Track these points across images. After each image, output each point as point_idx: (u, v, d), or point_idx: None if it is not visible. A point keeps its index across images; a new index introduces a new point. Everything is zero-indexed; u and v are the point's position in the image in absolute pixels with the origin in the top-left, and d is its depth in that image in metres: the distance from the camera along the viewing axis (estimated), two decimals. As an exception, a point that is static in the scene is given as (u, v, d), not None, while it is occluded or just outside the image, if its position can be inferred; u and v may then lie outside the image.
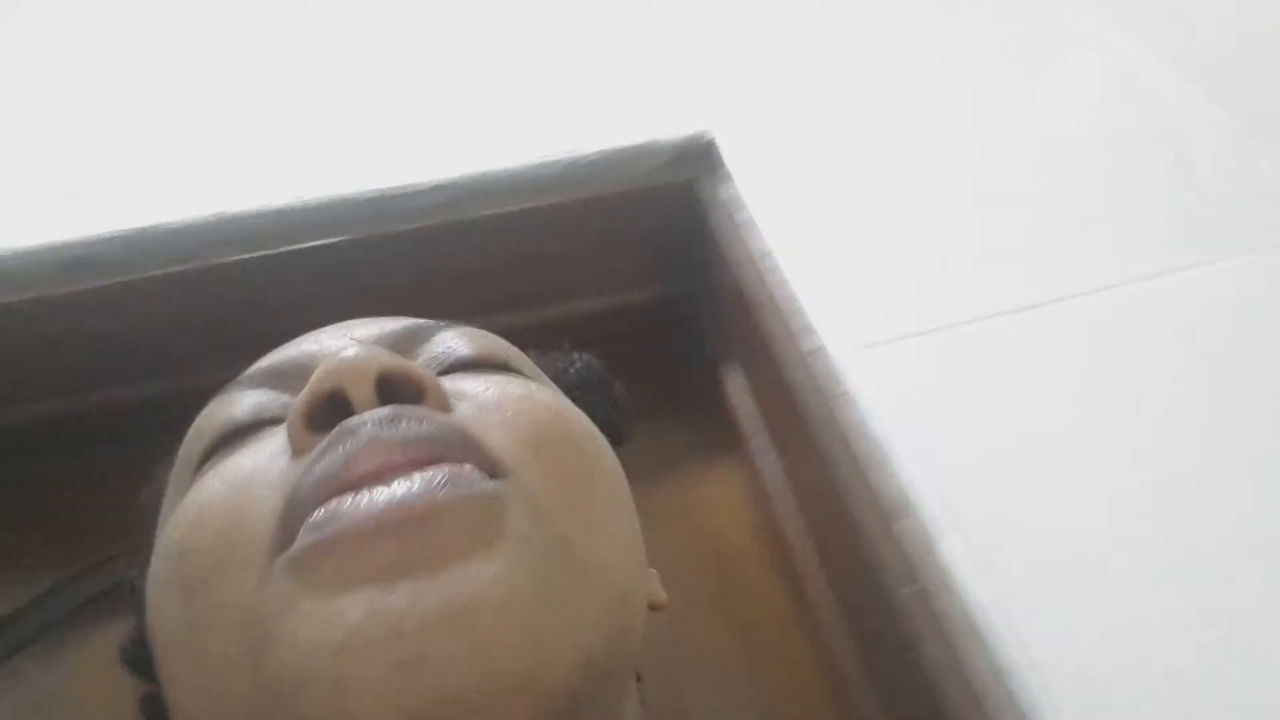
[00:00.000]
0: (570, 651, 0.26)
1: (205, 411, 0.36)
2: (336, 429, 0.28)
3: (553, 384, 0.40)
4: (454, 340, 0.36)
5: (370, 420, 0.28)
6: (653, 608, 0.38)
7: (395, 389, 0.30)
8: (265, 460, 0.30)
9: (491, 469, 0.29)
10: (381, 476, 0.27)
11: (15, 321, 0.56)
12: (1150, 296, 0.54)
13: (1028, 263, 0.56)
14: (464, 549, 0.26)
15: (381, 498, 0.26)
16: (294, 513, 0.27)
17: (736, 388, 0.64)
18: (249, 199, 0.58)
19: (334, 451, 0.28)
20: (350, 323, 0.38)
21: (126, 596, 0.39)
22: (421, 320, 0.38)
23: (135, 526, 0.38)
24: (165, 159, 0.64)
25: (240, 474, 0.30)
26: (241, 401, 0.34)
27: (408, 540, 0.25)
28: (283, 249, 0.58)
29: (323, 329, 0.38)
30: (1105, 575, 0.42)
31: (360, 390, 0.29)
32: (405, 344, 0.36)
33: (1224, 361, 0.51)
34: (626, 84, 0.69)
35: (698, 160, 0.64)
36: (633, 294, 0.67)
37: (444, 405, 0.31)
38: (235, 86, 0.71)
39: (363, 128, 0.67)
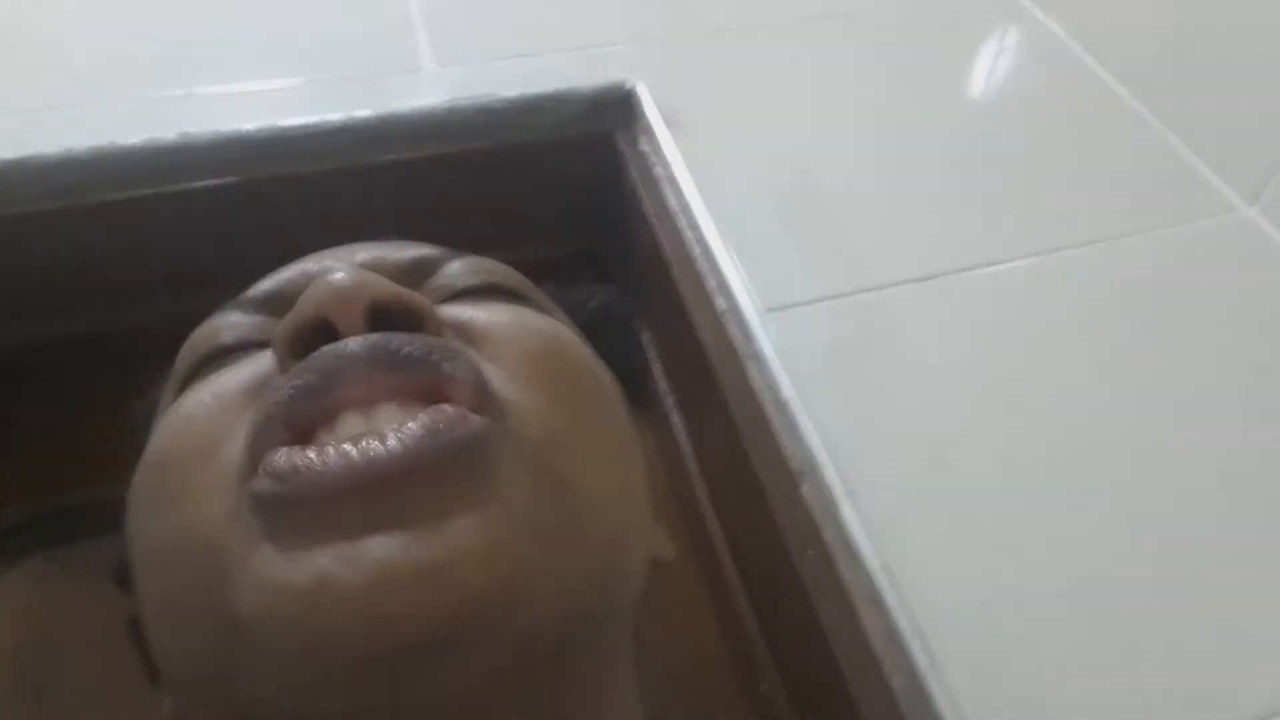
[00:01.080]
0: (554, 598, 0.25)
1: (198, 330, 0.35)
2: (319, 350, 0.26)
3: (565, 319, 0.38)
4: (460, 270, 0.35)
5: (353, 342, 0.26)
6: (658, 563, 0.36)
7: (389, 318, 0.28)
8: (248, 379, 0.29)
9: (480, 401, 0.27)
10: (364, 404, 0.25)
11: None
12: (1054, 269, 0.55)
13: (939, 231, 0.57)
14: (442, 505, 0.24)
15: (353, 456, 0.24)
16: (261, 434, 0.26)
17: (650, 345, 0.63)
18: (136, 132, 0.55)
19: (312, 365, 0.26)
20: (357, 245, 0.36)
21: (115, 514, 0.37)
22: (428, 249, 0.36)
23: (126, 443, 0.36)
24: (49, 84, 0.60)
25: (222, 391, 0.29)
26: (232, 323, 0.33)
27: (382, 498, 0.24)
28: (174, 187, 0.54)
29: (329, 250, 0.36)
30: (1000, 542, 0.43)
31: (348, 318, 0.27)
32: (410, 276, 0.34)
33: (1122, 334, 0.52)
34: (551, 27, 0.67)
35: (617, 110, 0.62)
36: (547, 247, 0.65)
37: (439, 333, 0.29)
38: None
39: (255, 53, 0.64)
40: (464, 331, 0.30)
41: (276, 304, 0.34)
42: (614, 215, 0.63)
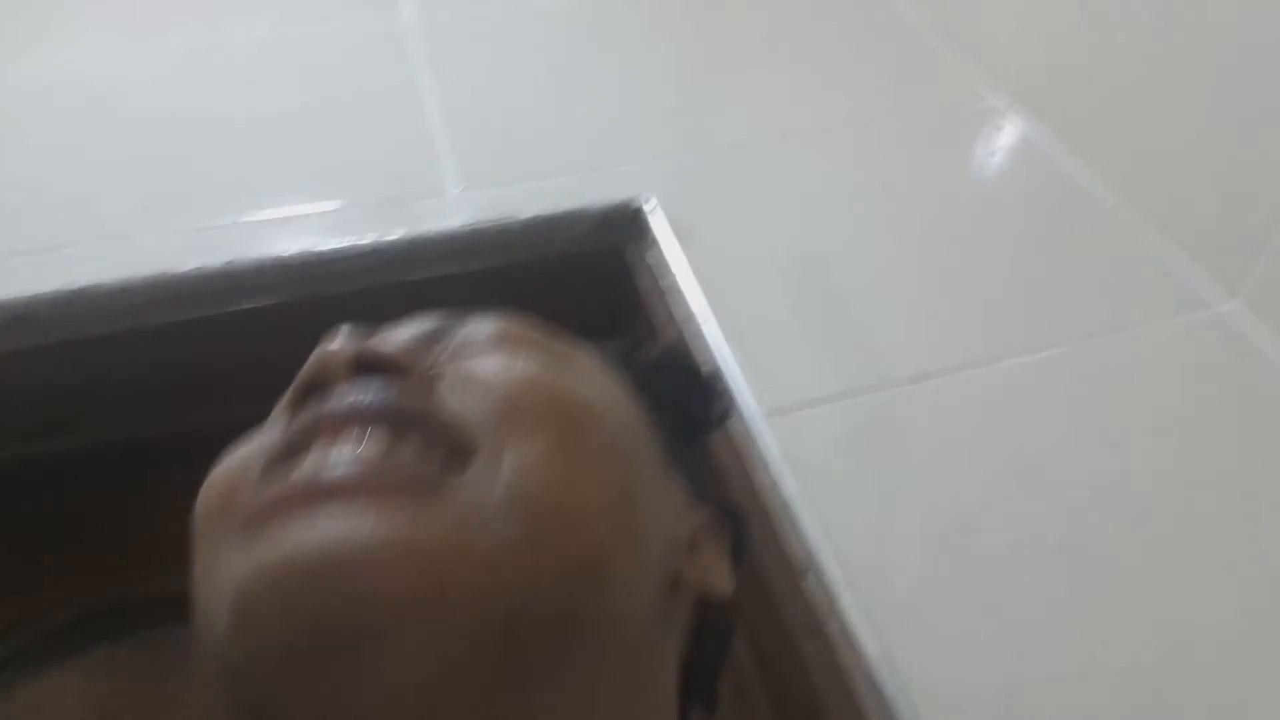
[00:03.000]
0: (485, 605, 0.26)
1: None
2: (305, 406, 0.30)
3: (594, 368, 0.38)
4: (475, 328, 0.37)
5: (333, 394, 0.30)
6: (704, 594, 0.36)
7: (376, 372, 0.31)
8: (263, 439, 0.32)
9: (452, 448, 0.29)
10: (336, 435, 0.28)
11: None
12: (1050, 364, 0.58)
13: (939, 329, 0.60)
14: (367, 509, 0.26)
15: (311, 466, 0.27)
16: (263, 483, 0.29)
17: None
18: (187, 260, 0.60)
19: (299, 421, 0.30)
20: (405, 319, 0.38)
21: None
22: (455, 315, 0.38)
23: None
24: (102, 217, 0.65)
25: (240, 453, 0.32)
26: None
27: (316, 500, 0.26)
28: (219, 310, 0.59)
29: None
30: (1009, 627, 0.45)
31: (335, 374, 0.31)
32: (433, 335, 0.36)
33: (1114, 427, 0.55)
34: (565, 150, 0.73)
35: (626, 226, 0.67)
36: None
37: (423, 383, 0.31)
38: (166, 145, 0.73)
39: (294, 182, 0.69)
40: (457, 376, 0.32)
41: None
42: (626, 324, 0.67)
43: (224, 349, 0.60)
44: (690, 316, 0.59)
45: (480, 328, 0.36)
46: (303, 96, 0.78)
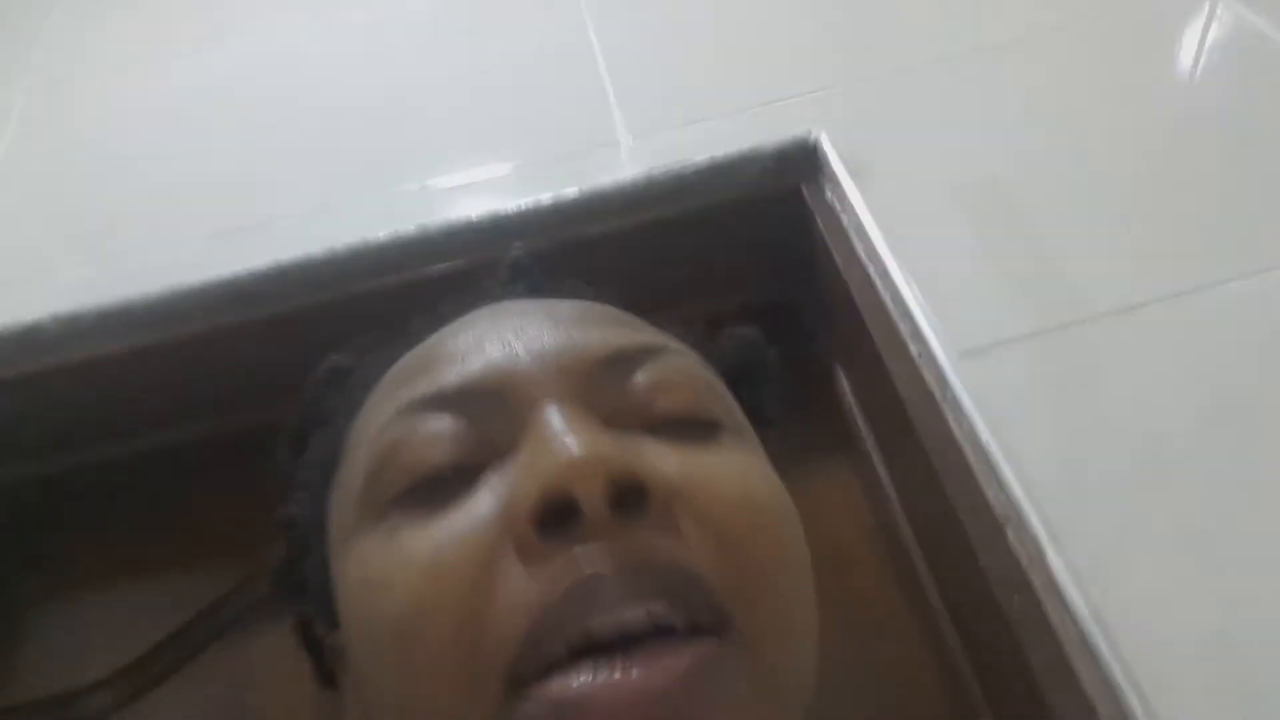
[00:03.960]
0: None
1: (393, 437, 0.34)
2: (572, 563, 0.29)
3: (732, 403, 0.39)
4: (655, 384, 0.35)
5: (597, 552, 0.29)
6: None
7: (621, 492, 0.30)
8: (482, 545, 0.30)
9: (714, 616, 0.30)
10: (619, 635, 0.28)
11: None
12: (1262, 292, 0.52)
13: (1147, 255, 0.55)
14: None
15: (628, 682, 0.28)
16: (528, 654, 0.29)
17: (847, 391, 0.65)
18: (381, 228, 0.63)
19: (562, 578, 0.29)
20: (543, 322, 0.36)
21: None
22: (619, 341, 0.36)
23: (299, 478, 0.43)
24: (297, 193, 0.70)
25: (455, 556, 0.30)
26: (433, 434, 0.34)
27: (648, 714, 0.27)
28: (411, 274, 0.62)
29: (502, 321, 0.37)
30: (1228, 580, 0.42)
31: (590, 495, 0.29)
32: (604, 381, 0.34)
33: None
34: (733, 88, 0.71)
35: (802, 164, 0.65)
36: (744, 298, 0.69)
37: (667, 516, 0.31)
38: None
39: (472, 144, 0.71)
40: (668, 485, 0.32)
41: (468, 403, 0.34)
42: (806, 266, 0.65)
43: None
44: (874, 255, 0.57)
45: (659, 389, 0.35)
46: (473, 58, 0.80)
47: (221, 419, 0.67)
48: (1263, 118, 0.62)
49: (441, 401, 0.34)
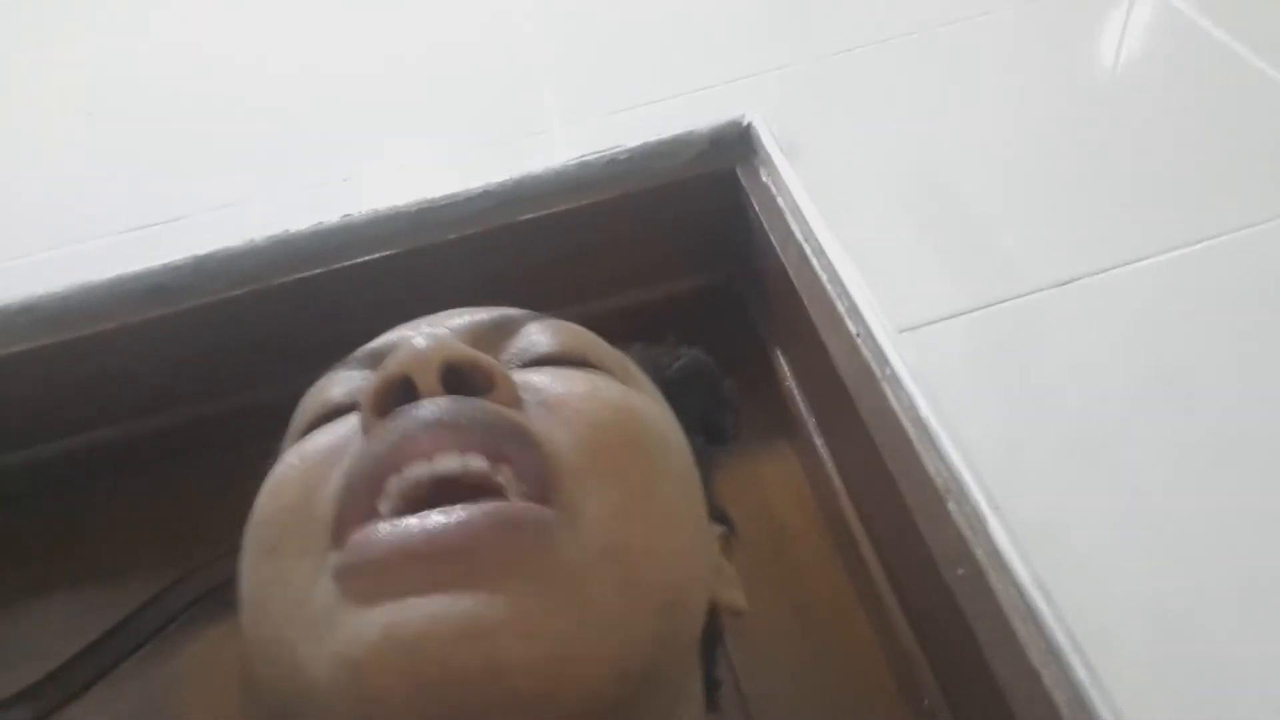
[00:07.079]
0: (603, 669, 0.27)
1: (310, 390, 0.39)
2: (395, 411, 0.30)
3: (644, 380, 0.40)
4: (539, 333, 0.37)
5: (426, 404, 0.30)
6: (729, 612, 0.38)
7: (463, 379, 0.31)
8: (338, 439, 0.32)
9: (543, 485, 0.29)
10: (430, 456, 0.28)
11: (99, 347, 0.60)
12: (1202, 260, 0.53)
13: (1079, 231, 0.56)
14: (493, 579, 0.26)
15: (422, 525, 0.27)
16: (347, 500, 0.29)
17: (787, 371, 0.64)
18: (303, 219, 0.61)
19: (388, 433, 0.29)
20: (451, 311, 0.39)
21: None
22: (512, 311, 0.39)
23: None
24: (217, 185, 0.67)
25: (314, 451, 0.32)
26: (338, 382, 0.37)
27: (438, 565, 0.26)
28: (337, 265, 0.60)
29: (426, 316, 0.40)
30: (1164, 544, 0.42)
31: (425, 378, 0.30)
32: (491, 335, 0.37)
33: (1273, 326, 0.50)
34: (666, 73, 0.70)
35: (736, 146, 0.64)
36: (680, 283, 0.68)
37: (511, 398, 0.31)
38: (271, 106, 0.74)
39: (399, 130, 0.69)
40: (537, 397, 0.32)
41: (374, 360, 0.37)
42: (742, 247, 0.65)
43: (344, 305, 0.61)
44: (810, 234, 0.57)
45: (542, 337, 0.37)
46: (400, 44, 0.78)
47: (141, 420, 0.64)
48: (1185, 96, 0.63)
49: (352, 361, 0.38)
